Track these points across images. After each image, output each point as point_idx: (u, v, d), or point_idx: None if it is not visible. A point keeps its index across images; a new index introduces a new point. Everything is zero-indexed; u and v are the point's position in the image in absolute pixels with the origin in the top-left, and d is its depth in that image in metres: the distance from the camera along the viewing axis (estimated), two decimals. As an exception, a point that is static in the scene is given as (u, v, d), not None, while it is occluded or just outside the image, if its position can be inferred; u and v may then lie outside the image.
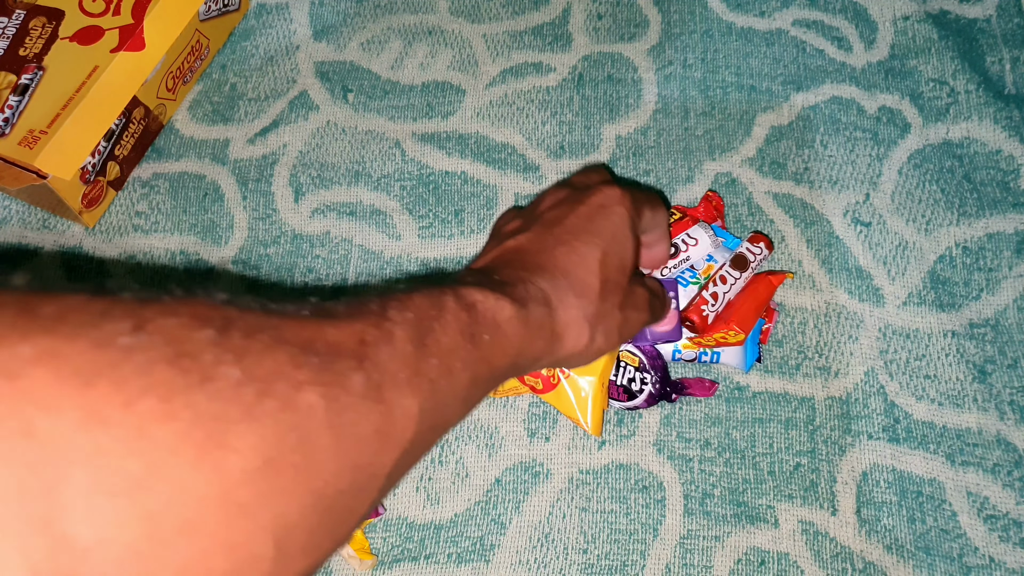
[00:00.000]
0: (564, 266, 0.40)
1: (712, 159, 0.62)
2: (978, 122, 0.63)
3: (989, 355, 0.56)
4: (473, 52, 0.67)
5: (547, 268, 0.40)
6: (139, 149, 0.63)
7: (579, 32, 0.67)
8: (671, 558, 0.52)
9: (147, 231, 0.62)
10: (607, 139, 0.63)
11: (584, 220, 0.42)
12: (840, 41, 0.66)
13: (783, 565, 0.51)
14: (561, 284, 0.39)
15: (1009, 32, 0.66)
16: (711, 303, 0.52)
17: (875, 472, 0.53)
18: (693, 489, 0.53)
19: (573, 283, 0.39)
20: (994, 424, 0.54)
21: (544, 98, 0.65)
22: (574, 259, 0.40)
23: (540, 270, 0.39)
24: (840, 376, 0.56)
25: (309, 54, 0.67)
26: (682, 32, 0.67)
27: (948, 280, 0.58)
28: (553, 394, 0.52)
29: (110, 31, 0.60)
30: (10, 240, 0.62)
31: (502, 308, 0.36)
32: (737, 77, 0.65)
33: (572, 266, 0.40)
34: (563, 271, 0.40)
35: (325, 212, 0.62)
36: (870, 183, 0.61)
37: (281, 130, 0.65)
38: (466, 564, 0.52)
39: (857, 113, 0.63)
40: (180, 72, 0.64)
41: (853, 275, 0.58)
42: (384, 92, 0.66)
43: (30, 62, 0.59)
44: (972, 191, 0.61)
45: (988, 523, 0.52)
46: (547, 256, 0.40)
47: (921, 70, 0.65)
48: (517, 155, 0.63)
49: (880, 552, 0.51)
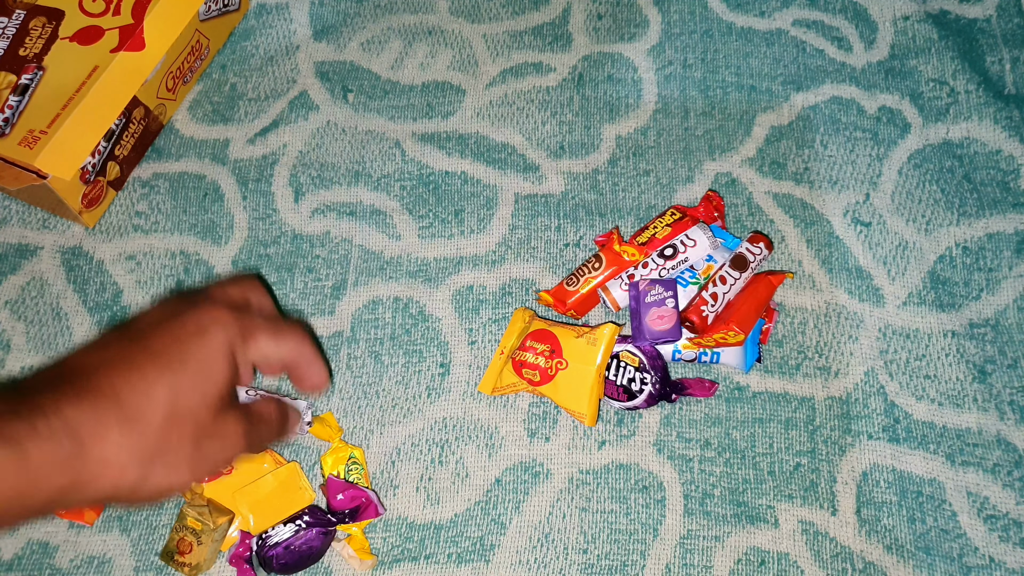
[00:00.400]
0: (119, 393, 0.36)
1: (712, 159, 0.62)
2: (978, 122, 0.63)
3: (989, 355, 0.56)
4: (473, 52, 0.67)
5: (97, 392, 0.35)
6: (139, 149, 0.63)
7: (579, 32, 0.67)
8: (671, 558, 0.52)
9: (147, 231, 0.62)
10: (607, 139, 0.63)
11: (171, 343, 0.38)
12: (840, 41, 0.66)
13: (783, 565, 0.51)
14: (106, 415, 0.35)
15: (1009, 32, 0.66)
16: (711, 303, 0.52)
17: (875, 472, 0.53)
18: (693, 489, 0.53)
19: (124, 414, 0.35)
20: (994, 424, 0.54)
21: (544, 98, 0.65)
22: (137, 386, 0.36)
23: (86, 394, 0.35)
24: (840, 376, 0.56)
25: (309, 54, 0.67)
26: (682, 32, 0.67)
27: (948, 280, 0.58)
28: (550, 386, 0.52)
29: (110, 31, 0.60)
30: (10, 240, 0.62)
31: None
32: (737, 77, 0.65)
33: (130, 394, 0.36)
34: (115, 398, 0.35)
35: (325, 212, 0.62)
36: (870, 183, 0.61)
37: (281, 130, 0.65)
38: (466, 564, 0.52)
39: (857, 113, 0.63)
40: (180, 72, 0.64)
41: (853, 275, 0.58)
42: (384, 92, 0.66)
43: (30, 62, 0.59)
44: (972, 191, 0.61)
45: (988, 523, 0.52)
46: (106, 378, 0.36)
47: (921, 70, 0.65)
48: (517, 155, 0.63)
49: (880, 552, 0.51)
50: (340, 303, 0.59)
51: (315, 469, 0.55)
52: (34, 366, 0.58)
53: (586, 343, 0.52)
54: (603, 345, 0.52)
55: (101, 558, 0.53)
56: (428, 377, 0.57)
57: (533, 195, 0.62)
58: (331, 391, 0.57)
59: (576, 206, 0.61)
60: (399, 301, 0.59)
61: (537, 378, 0.53)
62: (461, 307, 0.59)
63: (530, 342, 0.54)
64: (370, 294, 0.59)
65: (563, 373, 0.52)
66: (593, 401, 0.52)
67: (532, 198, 0.62)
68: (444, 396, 0.56)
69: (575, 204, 0.61)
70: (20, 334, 0.59)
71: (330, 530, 0.51)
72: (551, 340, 0.53)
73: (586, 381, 0.52)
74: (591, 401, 0.52)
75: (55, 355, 0.58)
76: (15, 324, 0.60)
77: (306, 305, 0.59)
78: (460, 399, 0.56)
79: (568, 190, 0.62)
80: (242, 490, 0.51)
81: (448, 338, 0.58)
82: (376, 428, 0.56)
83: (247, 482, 0.52)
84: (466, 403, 0.56)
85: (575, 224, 0.61)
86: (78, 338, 0.59)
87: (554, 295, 0.56)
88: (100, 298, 0.60)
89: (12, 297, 0.60)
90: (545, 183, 0.62)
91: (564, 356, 0.52)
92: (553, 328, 0.54)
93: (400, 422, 0.56)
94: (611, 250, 0.55)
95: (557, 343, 0.53)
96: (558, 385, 0.52)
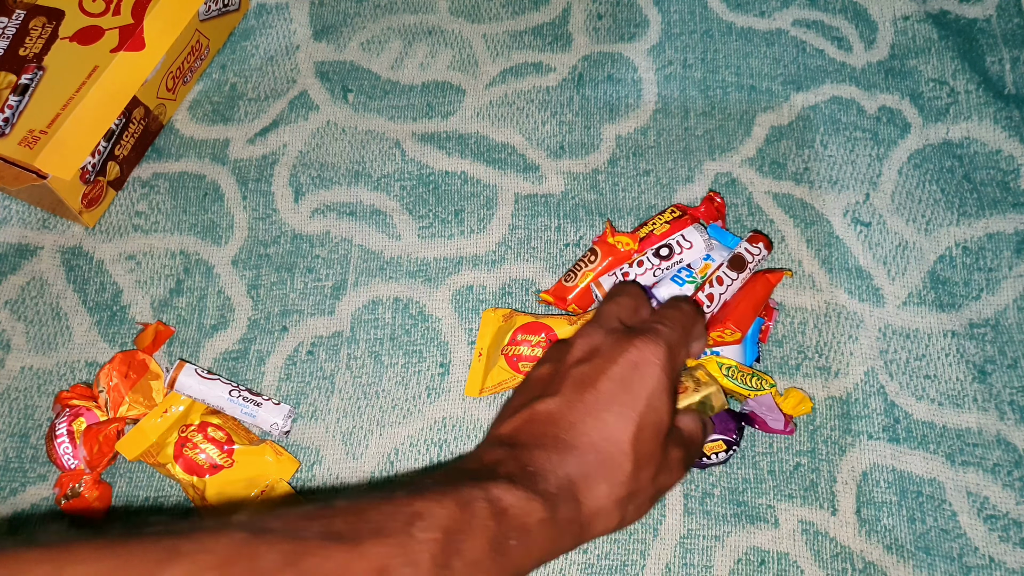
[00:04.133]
0: (594, 445, 0.37)
1: (712, 159, 0.62)
2: (978, 122, 0.63)
3: (989, 355, 0.56)
4: (473, 52, 0.67)
5: (576, 447, 0.37)
6: (139, 149, 0.63)
7: (579, 32, 0.67)
8: (671, 558, 0.52)
9: (147, 231, 0.62)
10: (607, 139, 0.63)
11: (617, 385, 0.39)
12: (840, 41, 0.66)
13: (783, 565, 0.51)
14: (591, 469, 0.36)
15: (1009, 32, 0.66)
16: (707, 304, 0.52)
17: (875, 472, 0.53)
18: (693, 488, 0.53)
19: (603, 466, 0.37)
20: (994, 424, 0.54)
21: (544, 98, 0.65)
22: (606, 435, 0.37)
23: (569, 450, 0.37)
24: (840, 376, 0.56)
25: (309, 54, 0.67)
26: (682, 32, 0.67)
27: (948, 280, 0.58)
28: None
29: (110, 31, 0.60)
30: (10, 240, 0.62)
31: (533, 511, 0.34)
32: (737, 77, 0.65)
33: (603, 444, 0.37)
34: (593, 451, 0.37)
35: (325, 212, 0.62)
36: (870, 183, 0.61)
37: (281, 130, 0.65)
38: (466, 564, 0.52)
39: (857, 113, 0.63)
40: (180, 72, 0.64)
41: (853, 275, 0.58)
42: (384, 92, 0.66)
43: (30, 62, 0.59)
44: (972, 191, 0.61)
45: (988, 523, 0.52)
46: (576, 432, 0.37)
47: (921, 70, 0.65)
48: (517, 155, 0.63)
49: (880, 552, 0.51)
50: (340, 303, 0.59)
51: (314, 469, 0.55)
52: (34, 366, 0.58)
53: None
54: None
55: (101, 558, 0.53)
56: (428, 377, 0.57)
57: (533, 195, 0.62)
58: (331, 392, 0.57)
59: (576, 206, 0.61)
60: (399, 301, 0.59)
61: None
62: (461, 307, 0.59)
63: (521, 335, 0.54)
64: (370, 294, 0.59)
65: None
66: None
67: (532, 198, 0.62)
68: (444, 396, 0.56)
69: (575, 204, 0.61)
70: (20, 334, 0.59)
71: None
72: (544, 330, 0.53)
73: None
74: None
75: (55, 355, 0.58)
76: (15, 324, 0.60)
77: (306, 305, 0.59)
78: (460, 399, 0.56)
79: (568, 190, 0.62)
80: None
81: (448, 338, 0.58)
82: (376, 428, 0.56)
83: (249, 475, 0.52)
84: (466, 403, 0.56)
85: (575, 224, 0.61)
86: (78, 338, 0.59)
87: (554, 294, 0.56)
88: (100, 298, 0.60)
89: (12, 297, 0.60)
90: (545, 183, 0.62)
91: None
92: (543, 319, 0.54)
93: (400, 423, 0.56)
94: (605, 242, 0.56)
95: (552, 332, 0.53)
96: None
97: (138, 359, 0.55)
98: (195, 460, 0.52)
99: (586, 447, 0.37)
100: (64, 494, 0.52)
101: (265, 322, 0.59)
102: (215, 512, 0.52)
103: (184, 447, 0.52)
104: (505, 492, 0.34)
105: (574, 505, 0.36)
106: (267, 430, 0.54)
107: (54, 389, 0.58)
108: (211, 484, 0.52)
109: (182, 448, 0.52)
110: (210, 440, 0.52)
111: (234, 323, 0.59)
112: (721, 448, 0.52)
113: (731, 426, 0.52)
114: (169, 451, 0.52)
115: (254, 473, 0.52)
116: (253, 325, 0.59)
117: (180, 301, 0.60)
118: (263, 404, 0.53)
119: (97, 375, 0.55)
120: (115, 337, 0.59)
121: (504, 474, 0.35)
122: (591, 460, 0.37)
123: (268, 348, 0.58)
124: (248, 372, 0.57)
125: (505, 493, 0.34)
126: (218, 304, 0.60)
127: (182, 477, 0.52)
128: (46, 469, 0.55)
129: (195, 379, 0.53)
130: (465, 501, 0.33)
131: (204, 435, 0.52)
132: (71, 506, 0.52)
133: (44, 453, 0.56)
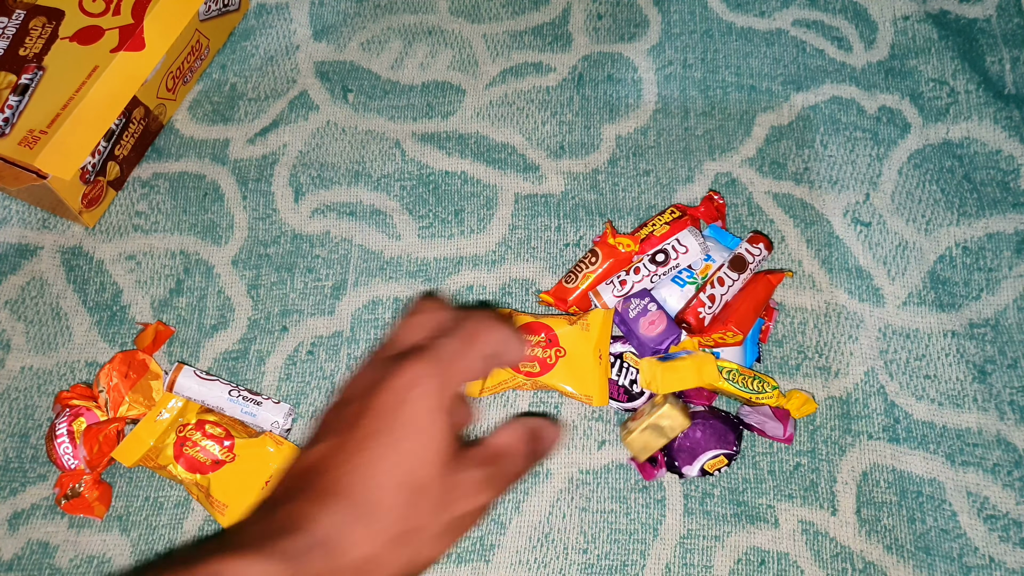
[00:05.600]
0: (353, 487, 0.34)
1: (712, 159, 0.62)
2: (978, 122, 0.63)
3: (989, 355, 0.56)
4: (473, 52, 0.67)
5: (335, 494, 0.34)
6: (139, 149, 0.63)
7: (579, 32, 0.67)
8: (671, 558, 0.52)
9: (147, 231, 0.62)
10: (607, 139, 0.63)
11: (379, 418, 0.36)
12: (840, 41, 0.66)
13: (783, 565, 0.51)
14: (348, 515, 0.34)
15: (1009, 32, 0.66)
16: (708, 305, 0.52)
17: (875, 472, 0.53)
18: (693, 489, 0.53)
19: (362, 509, 0.34)
20: (994, 424, 0.54)
21: (544, 98, 0.65)
22: (367, 474, 0.35)
23: (327, 498, 0.34)
24: (840, 376, 0.56)
25: (309, 54, 0.67)
26: (682, 32, 0.67)
27: (948, 280, 0.58)
28: (551, 375, 0.52)
29: (110, 31, 0.60)
30: (10, 240, 0.62)
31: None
32: (737, 77, 0.65)
33: (362, 484, 0.34)
34: (350, 495, 0.34)
35: (325, 212, 0.62)
36: (870, 183, 0.61)
37: (281, 130, 0.65)
38: (466, 564, 0.52)
39: (857, 113, 0.63)
40: (180, 72, 0.64)
41: (853, 275, 0.58)
42: (384, 92, 0.66)
43: (30, 62, 0.59)
44: (972, 191, 0.61)
45: (988, 523, 0.52)
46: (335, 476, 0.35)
47: (921, 70, 0.65)
48: (517, 155, 0.63)
49: (880, 552, 0.51)
50: (340, 303, 0.59)
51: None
52: (34, 366, 0.58)
53: (580, 329, 0.52)
54: (598, 327, 0.52)
55: (101, 558, 0.53)
56: (428, 377, 0.57)
57: (533, 195, 0.62)
58: (331, 392, 0.57)
59: (576, 206, 0.61)
60: (399, 301, 0.59)
61: (536, 369, 0.53)
62: (461, 307, 0.59)
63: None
64: (370, 294, 0.59)
65: (563, 360, 0.52)
66: (600, 381, 0.52)
67: (532, 198, 0.62)
68: (444, 396, 0.56)
69: (575, 204, 0.61)
70: (20, 334, 0.59)
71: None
72: (544, 330, 0.53)
73: (588, 362, 0.52)
74: (597, 381, 0.52)
75: (55, 355, 0.58)
76: (15, 324, 0.60)
77: (306, 305, 0.59)
78: (460, 399, 0.56)
79: (568, 190, 0.62)
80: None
81: (448, 338, 0.58)
82: (376, 428, 0.56)
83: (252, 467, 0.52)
84: (466, 403, 0.56)
85: (575, 224, 0.61)
86: (78, 338, 0.59)
87: (554, 295, 0.56)
88: (100, 298, 0.60)
89: (12, 297, 0.60)
90: (545, 183, 0.62)
91: (561, 344, 0.52)
92: (542, 319, 0.54)
93: (400, 422, 0.56)
94: (606, 243, 0.56)
95: (552, 332, 0.53)
96: (560, 372, 0.52)
97: (138, 359, 0.55)
98: (196, 458, 0.52)
99: (344, 491, 0.34)
100: (64, 494, 0.52)
101: (265, 322, 0.59)
102: (222, 509, 0.52)
103: (184, 446, 0.52)
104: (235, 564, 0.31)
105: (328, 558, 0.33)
106: (268, 429, 0.54)
107: (54, 389, 0.58)
108: (215, 480, 0.52)
109: (182, 448, 0.52)
110: (209, 437, 0.52)
111: (234, 323, 0.59)
112: (723, 463, 0.52)
113: (730, 438, 0.52)
114: (169, 452, 0.52)
115: (257, 465, 0.52)
116: (253, 325, 0.59)
117: (180, 301, 0.60)
118: (263, 403, 0.53)
119: (97, 375, 0.55)
120: (115, 337, 0.59)
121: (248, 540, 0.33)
122: (347, 504, 0.34)
123: (268, 348, 0.58)
124: (248, 372, 0.57)
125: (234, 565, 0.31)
126: (218, 304, 0.60)
127: (185, 477, 0.52)
128: (46, 469, 0.55)
129: (194, 380, 0.53)
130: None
131: (203, 432, 0.52)
132: (71, 506, 0.53)
133: (44, 453, 0.56)
